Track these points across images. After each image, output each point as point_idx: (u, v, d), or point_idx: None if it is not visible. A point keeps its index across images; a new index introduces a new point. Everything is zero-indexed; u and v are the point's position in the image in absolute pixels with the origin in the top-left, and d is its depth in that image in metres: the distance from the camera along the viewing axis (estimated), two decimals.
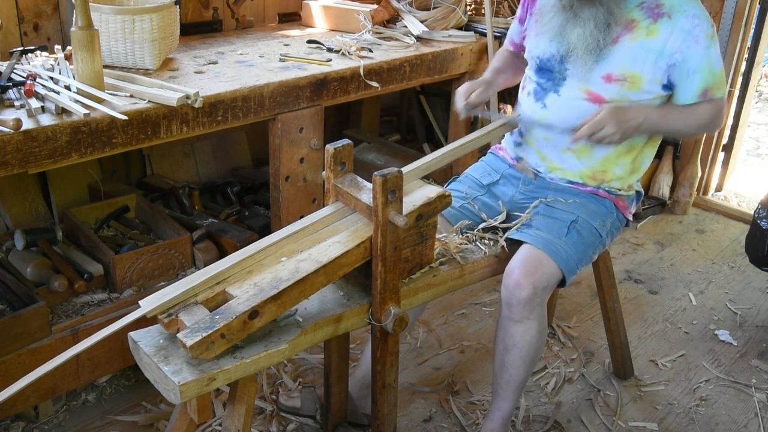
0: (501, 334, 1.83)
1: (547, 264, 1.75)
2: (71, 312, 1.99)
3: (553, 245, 1.77)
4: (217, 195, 2.68)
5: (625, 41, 1.77)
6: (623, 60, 1.77)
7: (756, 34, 3.52)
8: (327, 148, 1.58)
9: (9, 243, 2.17)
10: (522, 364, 1.82)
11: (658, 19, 1.75)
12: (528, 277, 1.72)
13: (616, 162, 1.89)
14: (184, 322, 1.31)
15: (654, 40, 1.75)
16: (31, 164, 1.62)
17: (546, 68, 1.90)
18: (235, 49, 2.37)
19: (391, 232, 1.48)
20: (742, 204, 3.76)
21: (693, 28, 1.74)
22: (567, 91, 1.86)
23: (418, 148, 3.42)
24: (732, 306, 2.82)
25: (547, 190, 1.94)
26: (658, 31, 1.75)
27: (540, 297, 1.75)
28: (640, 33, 1.76)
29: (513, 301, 1.75)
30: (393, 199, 1.44)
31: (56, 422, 2.03)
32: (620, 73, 1.78)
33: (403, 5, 2.82)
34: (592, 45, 1.76)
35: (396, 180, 1.43)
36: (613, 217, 1.93)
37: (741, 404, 2.29)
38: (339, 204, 1.60)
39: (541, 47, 1.90)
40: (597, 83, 1.81)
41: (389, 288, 1.53)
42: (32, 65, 1.93)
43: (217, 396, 2.12)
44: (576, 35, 1.77)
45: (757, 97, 5.61)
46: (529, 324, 1.77)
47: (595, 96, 1.82)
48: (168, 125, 1.83)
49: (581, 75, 1.82)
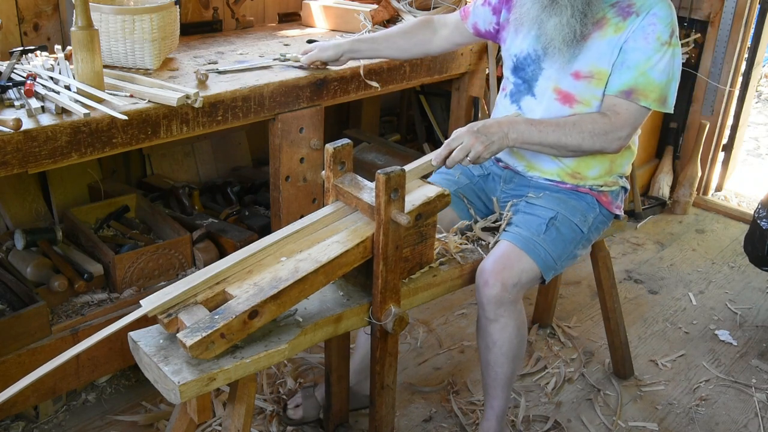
0: (481, 334, 1.83)
1: (519, 261, 1.74)
2: (71, 312, 1.99)
3: (530, 242, 1.76)
4: (217, 195, 2.68)
5: (595, 38, 1.77)
6: (591, 57, 1.77)
7: (756, 34, 3.52)
8: (326, 147, 1.58)
9: (9, 243, 2.17)
10: (505, 361, 1.82)
11: (627, 18, 1.75)
12: (496, 275, 1.71)
13: (590, 164, 1.88)
14: (183, 322, 1.31)
15: (619, 36, 1.75)
16: (31, 164, 1.62)
17: (521, 67, 1.89)
18: (235, 49, 2.37)
19: (393, 230, 1.48)
20: (742, 204, 3.76)
21: (648, 26, 1.72)
22: (540, 92, 1.86)
23: (418, 148, 3.42)
24: (732, 306, 2.82)
25: (527, 188, 1.93)
26: (624, 27, 1.74)
27: (511, 294, 1.73)
28: (608, 30, 1.76)
29: (483, 299, 1.74)
30: (395, 198, 1.45)
31: (56, 422, 2.03)
32: (588, 70, 1.78)
33: (403, 5, 2.82)
34: (569, 36, 1.73)
35: (399, 178, 1.43)
36: (596, 212, 1.92)
37: (741, 404, 2.29)
38: (339, 203, 1.60)
39: (518, 45, 1.89)
40: (567, 80, 1.81)
41: (390, 287, 1.53)
42: (32, 65, 1.93)
43: (217, 396, 2.12)
44: (552, 25, 1.74)
45: (757, 97, 5.61)
46: (504, 322, 1.76)
47: (564, 94, 1.82)
48: (168, 125, 1.83)
49: (557, 71, 1.80)
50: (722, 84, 3.49)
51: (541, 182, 1.92)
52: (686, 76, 3.54)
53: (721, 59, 3.45)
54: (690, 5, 3.43)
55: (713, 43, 3.45)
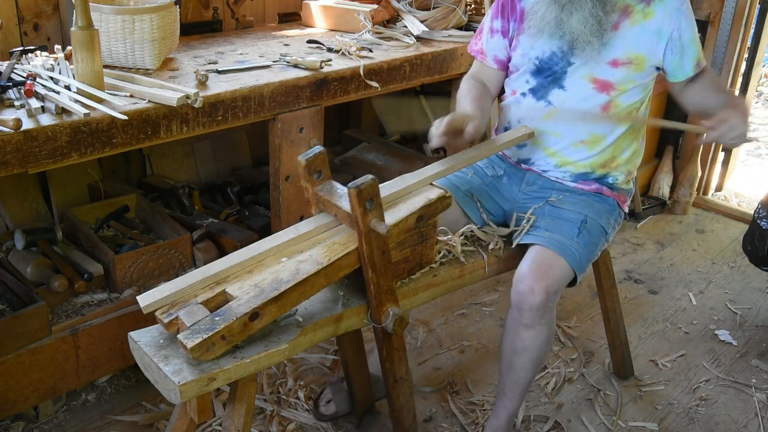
0: (510, 337, 1.81)
1: (558, 266, 1.73)
2: (71, 312, 1.99)
3: (565, 246, 1.76)
4: (217, 195, 2.68)
5: (626, 26, 1.81)
6: (627, 44, 1.82)
7: (756, 34, 3.52)
8: (299, 159, 1.55)
9: (9, 243, 2.17)
10: (531, 366, 1.82)
11: (651, 2, 1.81)
12: (540, 282, 1.70)
13: (621, 146, 1.92)
14: (184, 322, 1.31)
15: (651, 22, 1.81)
16: (31, 164, 1.62)
17: (546, 67, 1.89)
18: (235, 49, 2.37)
19: (376, 238, 1.47)
20: (742, 204, 3.76)
21: (680, 5, 1.82)
22: (572, 84, 1.87)
23: (418, 148, 3.42)
24: (732, 306, 2.82)
25: (551, 191, 1.93)
26: (653, 13, 1.81)
27: (552, 302, 1.74)
28: (637, 17, 1.81)
29: (525, 306, 1.72)
30: (371, 207, 1.43)
31: (56, 422, 2.03)
32: (626, 56, 1.82)
33: (403, 5, 2.82)
34: (595, 26, 1.77)
35: (371, 188, 1.42)
36: (616, 214, 1.95)
37: (741, 404, 2.29)
38: (325, 216, 1.59)
39: (539, 47, 1.88)
40: (603, 69, 1.83)
41: (384, 291, 1.53)
42: (32, 65, 1.93)
43: (217, 396, 2.12)
44: (576, 20, 1.77)
45: (757, 97, 5.61)
46: (539, 329, 1.76)
47: (602, 83, 1.84)
48: (168, 125, 1.83)
49: (590, 62, 1.83)
50: None
51: (566, 184, 1.93)
52: None
53: (721, 59, 3.45)
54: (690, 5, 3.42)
55: (713, 43, 3.45)
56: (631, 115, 1.90)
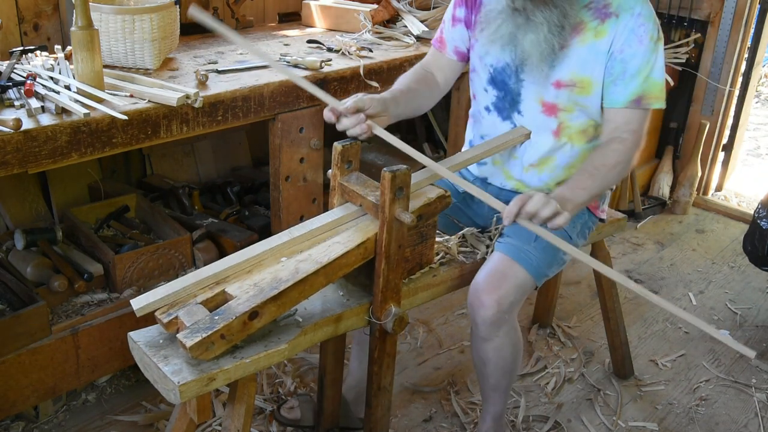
0: (475, 348, 1.79)
1: (513, 275, 1.68)
2: (71, 312, 1.99)
3: (522, 251, 1.71)
4: (217, 195, 2.68)
5: (575, 45, 1.68)
6: (573, 65, 1.69)
7: (756, 34, 3.52)
8: (335, 145, 1.57)
9: (9, 243, 2.17)
10: (502, 374, 1.79)
11: (606, 20, 1.66)
12: (491, 294, 1.65)
13: (577, 168, 1.79)
14: (183, 322, 1.31)
15: (602, 42, 1.66)
16: (31, 164, 1.62)
17: (500, 80, 1.80)
18: (235, 49, 2.37)
19: (397, 229, 1.48)
20: (742, 204, 3.76)
21: (637, 27, 1.64)
22: (527, 109, 1.79)
23: (418, 148, 3.40)
24: (732, 306, 2.82)
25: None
26: (605, 32, 1.65)
27: (507, 314, 1.68)
28: (588, 35, 1.67)
29: (478, 320, 1.69)
30: (400, 196, 1.45)
31: (56, 422, 2.03)
32: (569, 78, 1.70)
33: (403, 5, 2.82)
34: (547, 50, 1.64)
35: (404, 177, 1.43)
36: (585, 218, 1.90)
37: (741, 404, 2.29)
38: (349, 206, 1.59)
39: (493, 54, 1.78)
40: (548, 91, 1.73)
41: (391, 287, 1.53)
42: (32, 65, 1.93)
43: (217, 396, 2.12)
44: (529, 41, 1.65)
45: (757, 97, 5.61)
46: (497, 341, 1.72)
47: (549, 106, 1.75)
48: (168, 125, 1.83)
49: (536, 85, 1.73)
50: (722, 84, 3.49)
51: None
52: (686, 76, 3.55)
53: (721, 59, 3.45)
54: (690, 5, 3.43)
55: (713, 43, 3.45)
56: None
